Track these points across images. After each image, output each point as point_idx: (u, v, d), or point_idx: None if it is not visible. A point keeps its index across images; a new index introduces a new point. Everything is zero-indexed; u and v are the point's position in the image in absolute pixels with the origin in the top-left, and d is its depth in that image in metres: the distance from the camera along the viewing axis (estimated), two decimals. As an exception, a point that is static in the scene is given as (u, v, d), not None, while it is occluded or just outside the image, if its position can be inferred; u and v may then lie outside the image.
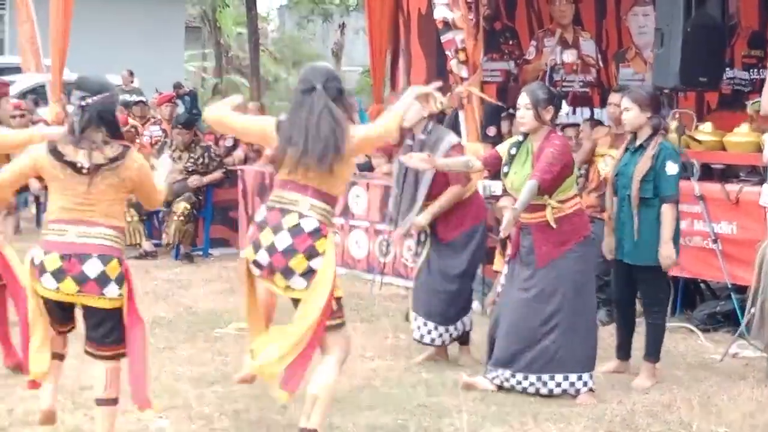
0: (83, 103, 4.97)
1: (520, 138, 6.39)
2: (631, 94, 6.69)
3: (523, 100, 6.28)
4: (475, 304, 8.63)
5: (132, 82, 18.58)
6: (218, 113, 5.35)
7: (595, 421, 5.83)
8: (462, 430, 5.65)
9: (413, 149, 6.90)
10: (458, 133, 8.87)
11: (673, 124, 8.31)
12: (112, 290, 4.95)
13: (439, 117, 7.17)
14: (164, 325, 7.93)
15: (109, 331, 5.04)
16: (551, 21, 11.86)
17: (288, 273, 5.06)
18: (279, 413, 5.85)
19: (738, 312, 7.58)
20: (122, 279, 4.98)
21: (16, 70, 18.63)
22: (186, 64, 29.73)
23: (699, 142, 8.26)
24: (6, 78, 18.69)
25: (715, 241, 7.77)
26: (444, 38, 9.11)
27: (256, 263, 5.14)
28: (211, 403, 6.04)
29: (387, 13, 12.42)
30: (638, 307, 7.01)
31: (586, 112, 11.40)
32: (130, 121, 12.76)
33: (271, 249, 5.06)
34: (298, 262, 5.04)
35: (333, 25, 29.49)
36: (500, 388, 6.36)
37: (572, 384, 6.24)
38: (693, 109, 9.55)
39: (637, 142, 6.64)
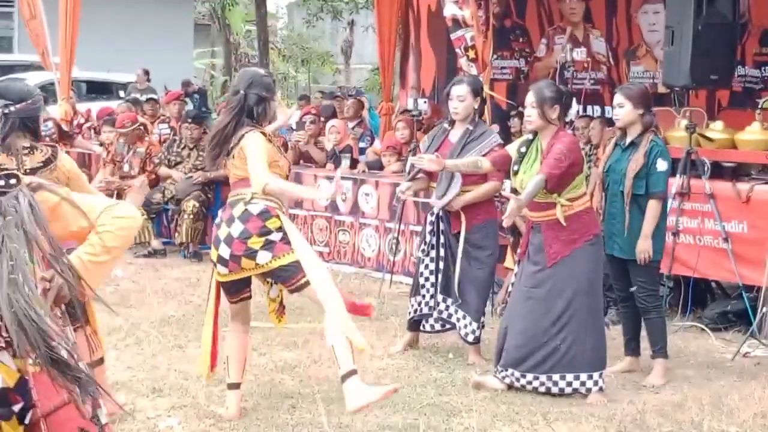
0: (6, 111, 5.18)
1: (530, 137, 6.37)
2: (625, 90, 6.69)
3: (530, 98, 6.27)
4: (485, 303, 8.62)
5: (148, 81, 18.55)
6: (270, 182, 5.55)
7: (605, 421, 5.80)
8: (472, 430, 5.63)
9: (449, 136, 7.05)
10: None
11: (683, 122, 8.28)
12: None
13: (480, 109, 7.29)
14: (173, 324, 7.92)
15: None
16: (562, 19, 11.82)
17: (251, 253, 5.44)
18: (288, 412, 5.85)
19: (749, 311, 7.55)
20: None
21: (26, 67, 18.65)
22: (195, 62, 29.73)
23: (710, 140, 8.22)
24: (16, 75, 18.79)
25: (726, 240, 7.74)
26: (453, 36, 9.09)
27: (221, 260, 5.52)
28: (220, 401, 6.02)
29: (396, 10, 12.40)
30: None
31: (597, 110, 11.36)
32: (140, 118, 12.73)
33: (228, 239, 5.48)
34: (254, 241, 5.42)
35: (342, 22, 29.45)
36: (510, 387, 6.34)
37: (583, 383, 6.21)
38: (704, 107, 9.51)
39: (628, 139, 6.66)
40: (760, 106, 8.71)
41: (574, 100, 6.48)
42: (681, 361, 7.10)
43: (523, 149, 6.32)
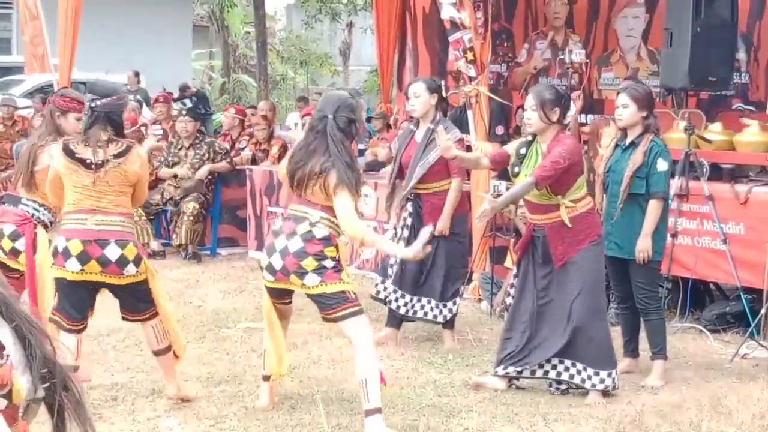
0: (93, 104, 5.68)
1: (529, 138, 6.38)
2: (630, 92, 6.69)
3: (530, 101, 6.28)
4: (484, 304, 8.65)
5: (138, 82, 18.53)
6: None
7: (604, 422, 5.81)
8: (471, 430, 5.64)
9: (415, 136, 7.49)
10: (466, 130, 8.86)
11: (681, 124, 8.28)
12: (130, 269, 5.67)
13: (443, 108, 7.59)
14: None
15: (139, 301, 5.82)
16: (545, 23, 11.71)
17: (301, 273, 5.47)
18: (287, 413, 5.85)
19: (748, 313, 7.55)
20: (139, 259, 5.71)
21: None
22: (193, 63, 29.73)
23: (708, 141, 8.23)
24: (14, 77, 18.80)
25: (724, 242, 7.74)
26: (452, 38, 9.09)
27: (270, 268, 5.54)
28: (219, 402, 6.04)
29: (395, 12, 12.41)
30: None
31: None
32: (140, 120, 12.75)
33: (284, 252, 5.49)
34: (308, 263, 5.44)
35: (340, 24, 29.44)
36: (511, 385, 6.37)
37: (589, 377, 6.21)
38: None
39: (628, 140, 6.68)
40: (734, 107, 8.69)
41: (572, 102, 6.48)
42: (680, 363, 7.10)
43: (523, 151, 6.33)
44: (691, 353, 7.39)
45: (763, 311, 7.39)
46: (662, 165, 6.57)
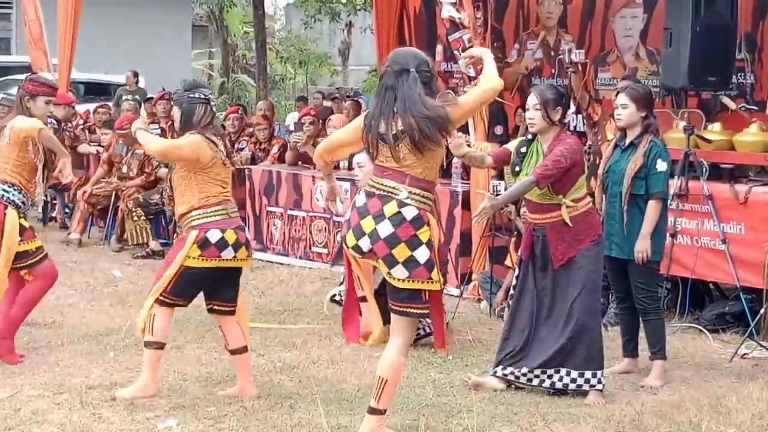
0: (210, 96, 6.02)
1: (529, 137, 6.38)
2: (629, 92, 6.68)
3: (533, 100, 6.28)
4: (483, 304, 8.65)
5: (137, 83, 18.49)
6: (321, 145, 5.69)
7: (603, 422, 5.81)
8: (471, 430, 5.64)
9: None
10: (465, 130, 8.87)
11: (681, 124, 8.29)
12: (251, 250, 6.10)
13: None
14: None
15: (237, 289, 6.13)
16: (537, 23, 11.63)
17: (391, 261, 5.16)
18: (287, 412, 5.85)
19: (747, 312, 7.56)
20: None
21: (25, 69, 18.61)
22: (193, 63, 29.72)
23: (708, 141, 8.23)
24: (14, 77, 18.80)
25: (723, 242, 7.75)
26: (451, 38, 9.11)
27: (357, 248, 5.24)
28: (219, 402, 6.03)
29: (394, 12, 12.40)
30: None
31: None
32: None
33: (374, 236, 5.15)
34: (400, 251, 5.13)
35: (340, 24, 29.41)
36: (509, 385, 6.37)
37: (587, 380, 6.22)
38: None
39: (627, 140, 6.68)
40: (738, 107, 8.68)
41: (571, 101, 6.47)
42: (679, 363, 7.10)
43: (523, 149, 6.33)
44: (690, 353, 7.40)
45: (762, 311, 7.39)
46: (661, 165, 6.57)
